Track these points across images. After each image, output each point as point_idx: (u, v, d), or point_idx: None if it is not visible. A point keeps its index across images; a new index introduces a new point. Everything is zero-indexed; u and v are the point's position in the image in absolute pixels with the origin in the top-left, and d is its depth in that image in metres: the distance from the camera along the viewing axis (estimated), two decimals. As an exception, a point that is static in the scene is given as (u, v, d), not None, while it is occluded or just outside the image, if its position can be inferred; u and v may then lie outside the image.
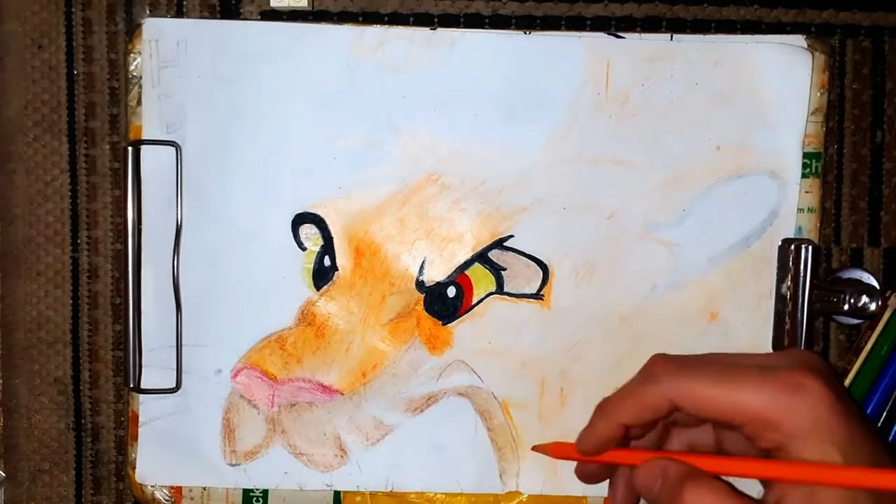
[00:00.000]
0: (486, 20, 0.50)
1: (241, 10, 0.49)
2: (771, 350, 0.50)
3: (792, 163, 0.49)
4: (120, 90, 0.49)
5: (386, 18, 0.49)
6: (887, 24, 0.50)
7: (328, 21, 0.49)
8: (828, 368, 0.37)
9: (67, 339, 0.50)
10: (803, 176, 0.49)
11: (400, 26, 0.49)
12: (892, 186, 0.51)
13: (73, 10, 0.49)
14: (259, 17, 0.49)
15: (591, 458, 0.40)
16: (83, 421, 0.51)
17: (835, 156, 0.51)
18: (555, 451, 0.43)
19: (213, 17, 0.49)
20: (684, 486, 0.37)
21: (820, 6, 0.50)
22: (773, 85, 0.48)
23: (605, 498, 0.42)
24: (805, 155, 0.49)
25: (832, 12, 0.50)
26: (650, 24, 0.50)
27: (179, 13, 0.49)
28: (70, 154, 0.50)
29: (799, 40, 0.49)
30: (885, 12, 0.50)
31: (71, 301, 0.50)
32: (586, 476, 0.42)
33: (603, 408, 0.39)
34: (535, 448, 0.44)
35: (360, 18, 0.49)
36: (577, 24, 0.50)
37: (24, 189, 0.50)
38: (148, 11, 0.49)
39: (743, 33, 0.49)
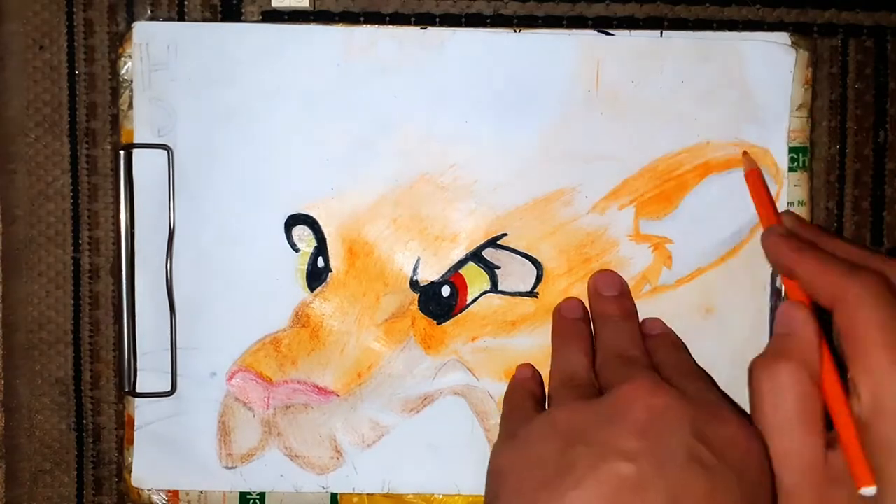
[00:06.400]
0: (488, 20, 0.49)
1: (243, 11, 0.49)
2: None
3: (779, 157, 0.48)
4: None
5: (387, 19, 0.49)
6: (890, 23, 0.50)
7: (329, 21, 0.49)
8: None
9: (69, 339, 0.51)
10: (791, 170, 0.48)
11: (390, 26, 0.48)
12: (895, 187, 0.50)
13: (75, 10, 0.49)
14: (260, 18, 0.49)
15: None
16: (84, 421, 0.51)
17: (837, 156, 0.50)
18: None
19: (214, 17, 0.49)
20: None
21: (822, 6, 0.49)
22: (759, 81, 0.48)
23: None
24: (791, 149, 0.48)
25: (834, 12, 0.50)
26: (652, 25, 0.49)
27: (181, 14, 0.49)
28: (71, 154, 0.50)
29: (783, 38, 0.48)
30: (888, 12, 0.50)
31: (72, 301, 0.50)
32: None
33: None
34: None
35: (362, 19, 0.49)
36: (578, 24, 0.49)
37: (25, 189, 0.50)
38: (150, 12, 0.49)
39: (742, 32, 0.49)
